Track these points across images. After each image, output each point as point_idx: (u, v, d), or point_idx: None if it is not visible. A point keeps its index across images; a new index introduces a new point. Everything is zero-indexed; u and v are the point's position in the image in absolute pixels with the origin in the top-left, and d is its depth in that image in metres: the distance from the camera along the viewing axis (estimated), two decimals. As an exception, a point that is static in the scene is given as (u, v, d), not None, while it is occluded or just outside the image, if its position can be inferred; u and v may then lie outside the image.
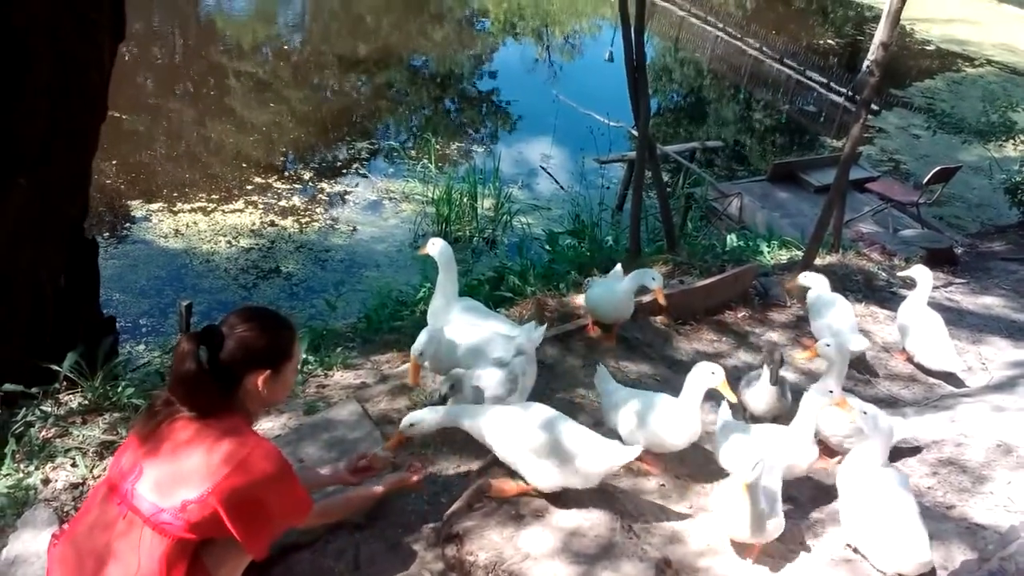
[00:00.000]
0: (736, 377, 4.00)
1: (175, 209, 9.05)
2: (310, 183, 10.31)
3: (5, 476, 3.09)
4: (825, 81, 16.87)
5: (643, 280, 4.26)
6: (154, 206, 9.04)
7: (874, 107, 14.86)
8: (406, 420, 3.00)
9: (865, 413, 3.09)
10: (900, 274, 5.49)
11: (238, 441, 2.17)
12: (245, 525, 2.16)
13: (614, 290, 4.35)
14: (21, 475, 3.11)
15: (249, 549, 2.20)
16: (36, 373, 3.58)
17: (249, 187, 9.89)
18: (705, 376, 3.25)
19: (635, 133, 6.49)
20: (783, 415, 3.80)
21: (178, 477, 2.12)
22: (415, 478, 2.91)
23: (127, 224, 8.64)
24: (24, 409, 3.44)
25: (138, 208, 8.96)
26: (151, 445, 2.19)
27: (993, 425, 4.08)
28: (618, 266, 4.67)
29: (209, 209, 9.16)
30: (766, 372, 3.66)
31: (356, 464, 2.91)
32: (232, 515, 2.12)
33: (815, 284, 4.92)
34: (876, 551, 2.85)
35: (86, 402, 3.58)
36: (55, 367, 3.58)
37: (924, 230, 9.00)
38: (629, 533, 2.97)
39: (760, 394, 3.69)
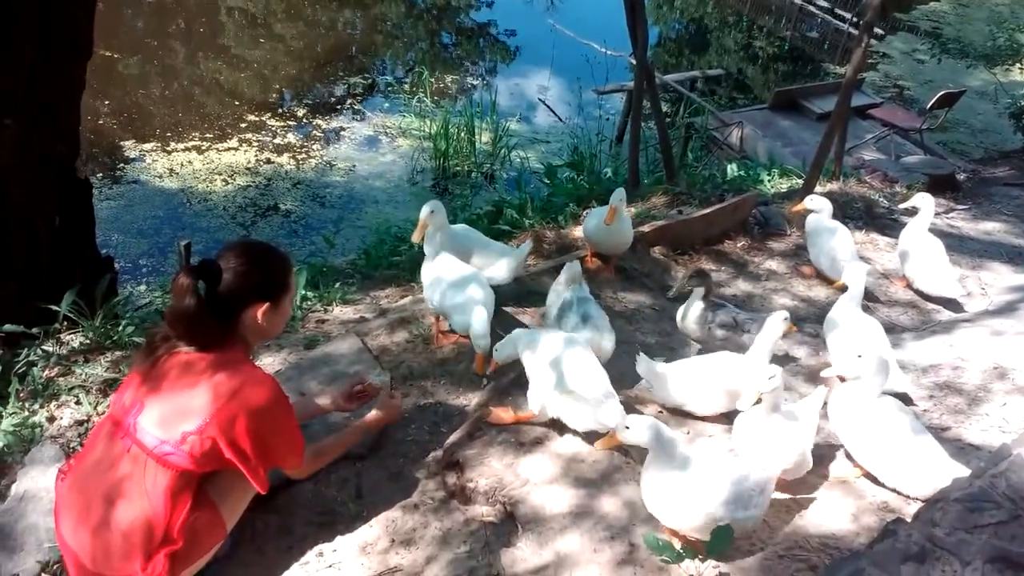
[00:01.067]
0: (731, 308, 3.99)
1: (170, 149, 8.96)
2: (305, 120, 10.18)
3: (10, 415, 3.12)
4: (829, 6, 16.50)
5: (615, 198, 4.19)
6: (148, 146, 8.95)
7: (878, 31, 14.56)
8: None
9: (860, 356, 3.07)
10: (903, 204, 5.45)
11: (235, 373, 2.20)
12: (244, 455, 2.19)
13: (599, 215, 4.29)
14: (26, 413, 3.15)
15: (250, 477, 2.24)
16: (36, 314, 3.59)
17: (244, 125, 9.77)
18: (779, 325, 3.28)
19: (634, 62, 6.36)
20: (712, 345, 3.74)
21: (179, 410, 2.15)
22: (396, 403, 2.98)
23: (122, 165, 8.57)
24: (26, 349, 3.46)
25: (132, 148, 8.88)
26: (152, 380, 2.22)
27: (990, 349, 4.10)
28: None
29: (204, 148, 9.08)
30: (696, 296, 3.67)
31: (351, 391, 2.94)
32: (230, 445, 2.16)
33: (820, 207, 4.89)
34: (902, 478, 2.90)
35: (87, 341, 3.60)
36: (54, 307, 3.59)
37: (927, 156, 8.90)
38: (627, 459, 3.02)
39: (690, 315, 3.70)
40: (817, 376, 3.69)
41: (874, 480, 3.00)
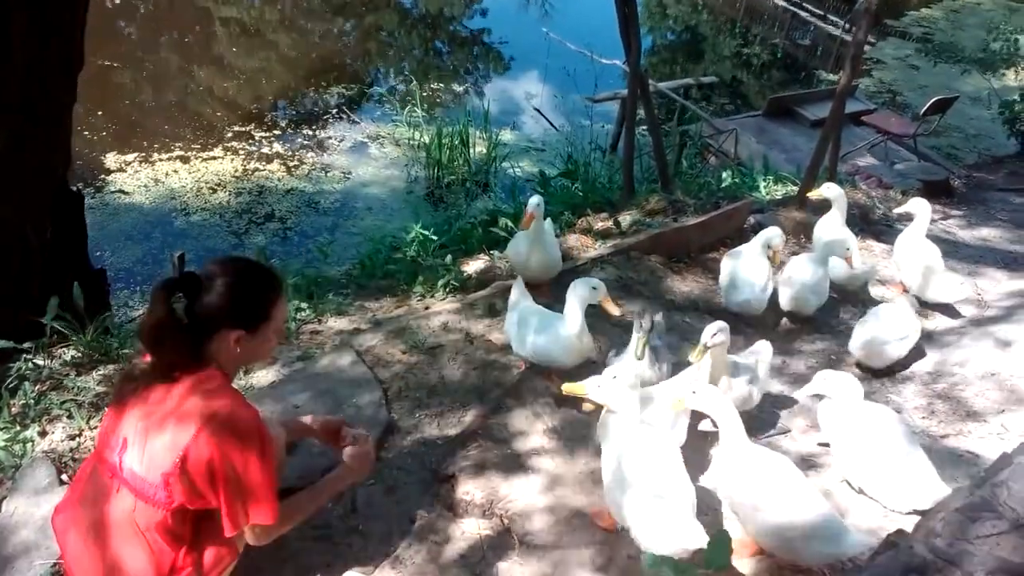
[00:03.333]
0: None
1: (160, 158, 8.92)
2: (299, 129, 10.15)
3: (1, 430, 3.09)
4: (821, 13, 16.57)
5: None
6: (140, 155, 8.90)
7: (869, 38, 14.58)
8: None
9: (825, 378, 3.09)
10: (897, 210, 5.44)
11: (205, 404, 2.04)
12: (215, 485, 2.05)
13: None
14: (18, 428, 3.11)
15: (225, 513, 2.08)
16: (27, 327, 3.56)
17: (237, 134, 9.74)
18: (586, 291, 3.22)
19: (627, 70, 6.35)
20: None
21: (157, 448, 2.03)
22: (365, 452, 2.53)
23: (113, 175, 8.51)
24: (17, 363, 3.42)
25: (124, 158, 8.82)
26: (133, 415, 2.09)
27: (988, 356, 4.09)
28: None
29: (196, 157, 9.03)
30: (634, 341, 3.22)
31: (341, 436, 2.59)
32: (201, 483, 2.03)
33: (834, 195, 4.95)
34: (889, 492, 2.91)
35: (79, 355, 3.57)
36: (43, 320, 3.56)
37: (921, 162, 8.91)
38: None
39: (628, 365, 3.23)
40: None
41: (860, 492, 2.99)
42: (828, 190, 4.95)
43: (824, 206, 5.09)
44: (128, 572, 2.07)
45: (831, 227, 4.88)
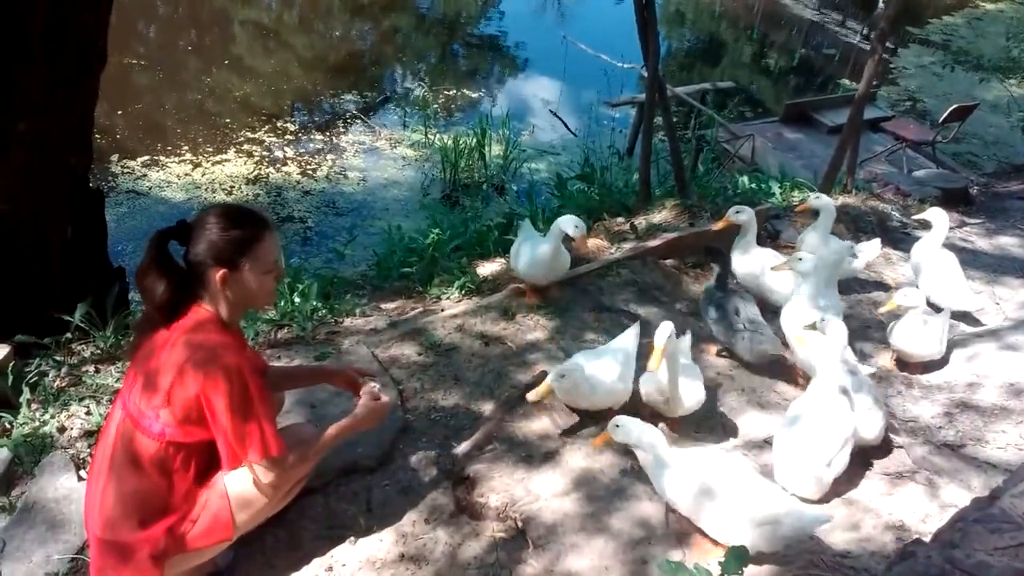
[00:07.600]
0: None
1: (179, 159, 8.99)
2: (317, 131, 10.21)
3: (22, 424, 3.12)
4: (840, 19, 16.50)
5: (565, 228, 3.79)
6: (158, 156, 8.97)
7: (889, 45, 14.51)
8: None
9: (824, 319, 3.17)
10: (915, 217, 5.40)
11: (190, 342, 2.17)
12: (202, 425, 2.18)
13: (539, 249, 3.95)
14: (37, 423, 3.15)
15: (220, 448, 2.19)
16: (47, 324, 3.60)
17: (254, 136, 9.80)
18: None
19: (645, 74, 6.35)
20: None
21: (151, 383, 2.18)
22: (382, 405, 2.57)
23: (133, 173, 8.58)
24: (37, 359, 3.46)
25: (144, 157, 8.89)
26: (142, 356, 2.26)
27: (1006, 365, 4.06)
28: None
29: (214, 158, 9.09)
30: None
31: (352, 377, 2.72)
32: (190, 416, 2.16)
33: (824, 206, 4.83)
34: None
35: (98, 351, 3.60)
36: (67, 317, 3.60)
37: (939, 170, 8.84)
38: (639, 475, 2.99)
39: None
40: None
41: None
42: (817, 200, 4.83)
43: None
44: (122, 496, 2.19)
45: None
